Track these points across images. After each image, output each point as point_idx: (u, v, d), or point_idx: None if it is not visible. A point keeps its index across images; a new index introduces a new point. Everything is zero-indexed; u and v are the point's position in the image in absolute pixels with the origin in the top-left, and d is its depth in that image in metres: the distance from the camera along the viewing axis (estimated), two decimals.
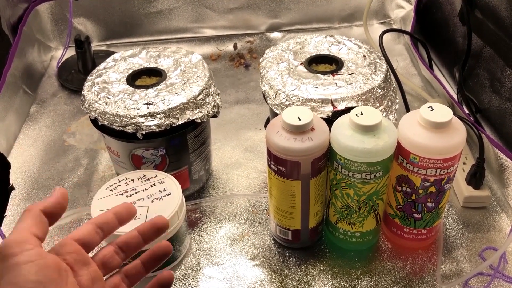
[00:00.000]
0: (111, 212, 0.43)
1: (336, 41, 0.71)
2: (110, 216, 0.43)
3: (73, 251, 0.40)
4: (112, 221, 0.43)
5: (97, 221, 0.42)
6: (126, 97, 0.62)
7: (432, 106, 0.53)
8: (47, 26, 1.04)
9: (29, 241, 0.36)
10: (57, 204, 0.40)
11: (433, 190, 0.56)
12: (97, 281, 0.41)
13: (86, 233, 0.41)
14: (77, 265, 0.39)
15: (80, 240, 0.40)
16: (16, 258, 0.35)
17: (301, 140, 0.53)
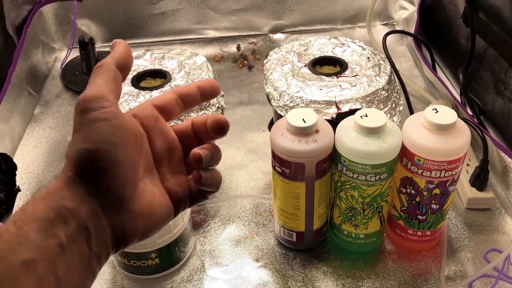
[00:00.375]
0: (194, 85, 0.40)
1: (340, 42, 0.71)
2: (193, 89, 0.39)
3: (151, 117, 0.37)
4: (194, 94, 0.39)
5: (180, 91, 0.39)
6: (131, 99, 0.62)
7: (437, 108, 0.53)
8: (51, 27, 1.04)
9: (107, 98, 0.33)
10: (126, 55, 0.37)
11: (437, 192, 0.56)
12: (173, 150, 0.38)
13: (168, 101, 0.38)
14: (154, 132, 0.37)
15: (160, 107, 0.38)
16: (94, 114, 0.32)
17: (306, 142, 0.53)
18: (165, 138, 0.38)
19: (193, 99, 0.40)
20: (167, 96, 0.39)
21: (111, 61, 0.36)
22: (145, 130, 0.37)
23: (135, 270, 0.59)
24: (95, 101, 0.33)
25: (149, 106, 0.38)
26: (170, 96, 0.39)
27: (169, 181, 0.38)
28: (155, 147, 0.37)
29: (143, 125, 0.37)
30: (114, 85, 0.35)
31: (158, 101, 0.38)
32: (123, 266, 0.60)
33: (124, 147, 0.33)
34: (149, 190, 0.36)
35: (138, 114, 0.37)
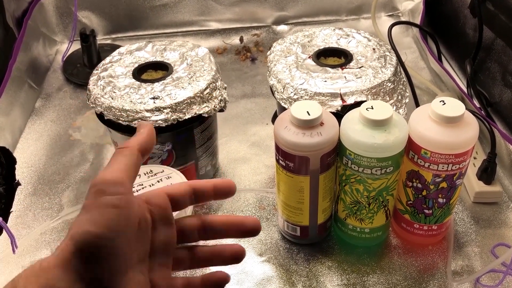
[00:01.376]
0: (211, 183, 0.39)
1: (345, 34, 0.70)
2: (209, 186, 0.39)
3: (162, 206, 0.37)
4: (209, 191, 0.39)
5: (196, 185, 0.39)
6: (132, 91, 0.61)
7: (444, 100, 0.52)
8: (52, 19, 1.03)
9: (125, 184, 0.34)
10: (150, 140, 0.37)
11: (444, 186, 0.55)
12: (169, 245, 0.38)
13: (182, 193, 0.38)
14: (160, 222, 0.37)
15: (173, 198, 0.38)
16: (108, 198, 0.32)
17: (310, 135, 0.52)
18: (167, 229, 0.38)
19: (207, 196, 0.39)
20: (182, 188, 0.38)
21: (136, 145, 0.36)
22: (152, 217, 0.36)
23: None
24: (112, 185, 0.33)
25: (163, 194, 0.37)
26: (185, 189, 0.38)
27: (155, 273, 0.37)
28: (156, 237, 0.37)
29: (152, 212, 0.36)
30: (133, 171, 0.35)
31: (173, 191, 0.38)
32: None
33: (125, 237, 0.33)
34: (136, 280, 0.35)
35: (151, 200, 0.37)
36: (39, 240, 0.66)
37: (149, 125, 0.38)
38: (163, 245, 0.37)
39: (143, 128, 0.38)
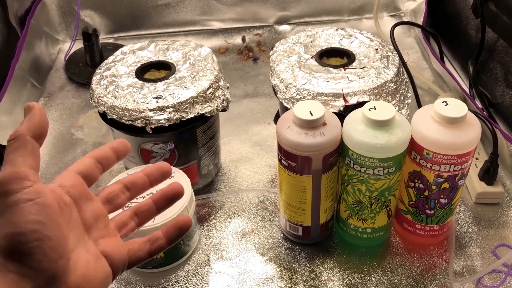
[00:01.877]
0: (108, 147, 0.41)
1: (347, 34, 0.70)
2: (108, 151, 0.41)
3: (77, 184, 0.37)
4: (110, 155, 0.41)
5: (96, 154, 0.40)
6: (135, 91, 0.62)
7: (447, 101, 0.52)
8: (54, 18, 1.03)
9: (28, 177, 0.33)
10: (41, 121, 0.35)
11: (446, 186, 0.55)
12: (100, 217, 0.39)
13: (88, 167, 0.39)
14: (80, 199, 0.37)
15: (82, 173, 0.38)
16: (15, 196, 0.32)
17: (313, 135, 0.52)
18: (91, 203, 0.38)
19: (110, 160, 0.41)
20: (87, 162, 0.39)
21: (26, 131, 0.34)
22: (72, 198, 0.37)
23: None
24: (14, 182, 0.32)
25: (73, 173, 0.38)
26: (90, 162, 0.39)
27: (102, 244, 0.38)
28: (83, 214, 0.37)
29: (70, 194, 0.37)
30: (32, 158, 0.34)
31: (80, 168, 0.39)
32: None
33: (51, 224, 0.33)
34: (82, 259, 0.35)
35: (64, 183, 0.37)
36: None
37: (36, 106, 0.36)
38: (94, 218, 0.38)
39: (31, 110, 0.36)
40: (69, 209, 0.36)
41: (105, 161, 0.40)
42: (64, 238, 0.34)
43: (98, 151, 0.40)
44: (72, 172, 0.38)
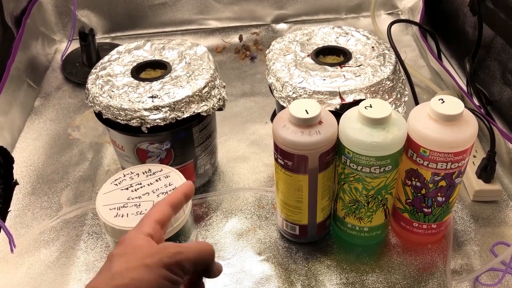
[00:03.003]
0: (181, 193, 0.47)
1: (344, 32, 0.70)
2: (181, 197, 0.46)
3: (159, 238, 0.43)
4: (182, 201, 0.47)
5: (173, 202, 0.45)
6: (130, 90, 0.61)
7: (443, 99, 0.52)
8: (51, 18, 1.03)
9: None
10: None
11: (443, 184, 0.55)
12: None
13: (167, 216, 0.45)
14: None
15: (160, 222, 0.44)
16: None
17: (309, 133, 0.52)
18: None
19: (181, 205, 0.47)
20: (165, 212, 0.45)
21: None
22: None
23: None
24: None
25: (156, 224, 0.43)
26: (168, 211, 0.45)
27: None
28: None
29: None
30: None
31: (159, 218, 0.44)
32: None
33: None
34: None
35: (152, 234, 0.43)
36: (38, 239, 0.65)
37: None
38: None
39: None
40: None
41: (178, 206, 0.46)
42: None
43: (174, 198, 0.46)
44: (154, 223, 0.43)
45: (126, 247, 0.41)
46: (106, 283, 0.38)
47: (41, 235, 0.66)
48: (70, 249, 0.64)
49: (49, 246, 0.64)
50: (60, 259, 0.63)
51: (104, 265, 0.40)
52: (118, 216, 0.56)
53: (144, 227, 0.43)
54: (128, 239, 0.41)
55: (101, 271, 0.40)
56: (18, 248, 0.64)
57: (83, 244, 0.65)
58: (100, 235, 0.65)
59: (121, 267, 0.38)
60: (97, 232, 0.66)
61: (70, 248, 0.64)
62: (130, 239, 0.41)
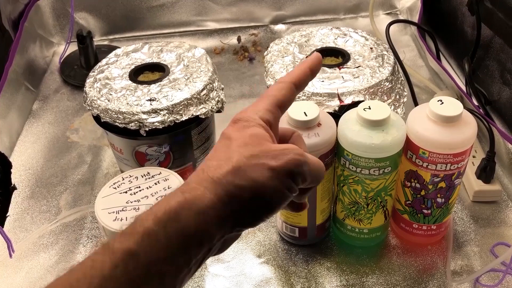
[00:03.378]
0: (306, 67, 0.39)
1: (342, 33, 0.69)
2: (307, 72, 0.39)
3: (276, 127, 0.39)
4: (307, 77, 0.40)
5: (297, 79, 0.39)
6: (128, 93, 0.61)
7: (442, 100, 0.52)
8: (48, 21, 1.03)
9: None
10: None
11: (443, 186, 0.54)
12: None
13: (290, 98, 0.39)
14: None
15: (282, 106, 0.38)
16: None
17: (307, 136, 0.52)
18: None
19: (307, 80, 0.40)
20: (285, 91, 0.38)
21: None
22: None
23: None
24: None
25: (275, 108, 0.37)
26: (290, 89, 0.38)
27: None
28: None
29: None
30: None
31: (278, 99, 0.38)
32: None
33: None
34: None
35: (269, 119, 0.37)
36: (37, 243, 0.65)
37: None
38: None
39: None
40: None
41: (303, 84, 0.39)
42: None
43: (299, 75, 0.39)
44: (275, 106, 0.37)
45: (244, 132, 0.34)
46: (224, 168, 0.32)
47: (40, 239, 0.66)
48: (70, 253, 0.64)
49: (48, 250, 0.64)
50: (60, 263, 0.63)
51: (219, 145, 0.35)
52: (117, 220, 0.55)
53: (263, 110, 0.36)
54: (245, 121, 0.35)
55: (215, 150, 0.35)
56: (17, 252, 0.64)
57: (83, 248, 0.64)
58: (99, 239, 0.65)
59: (241, 156, 0.33)
60: (97, 236, 0.66)
61: (70, 252, 0.64)
62: (247, 122, 0.35)
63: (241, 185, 0.32)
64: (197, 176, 0.34)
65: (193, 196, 0.32)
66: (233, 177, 0.32)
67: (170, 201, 0.32)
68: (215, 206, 0.32)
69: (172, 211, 0.31)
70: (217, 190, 0.32)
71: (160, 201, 0.32)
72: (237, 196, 0.32)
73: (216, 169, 0.33)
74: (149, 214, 0.32)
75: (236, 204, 0.32)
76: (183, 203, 0.31)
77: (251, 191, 0.32)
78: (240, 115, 0.36)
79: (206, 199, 0.32)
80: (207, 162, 0.34)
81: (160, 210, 0.31)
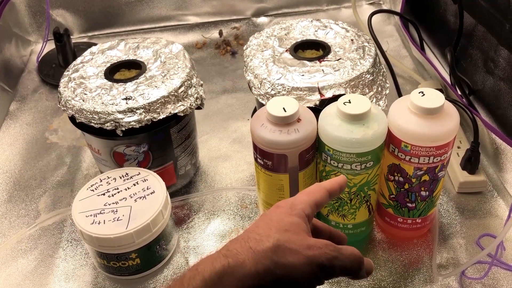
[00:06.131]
0: (338, 184, 0.43)
1: (322, 25, 0.68)
2: (338, 188, 0.43)
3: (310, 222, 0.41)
4: (336, 191, 0.43)
5: (331, 188, 0.42)
6: (103, 93, 0.59)
7: (423, 91, 0.51)
8: (24, 19, 1.00)
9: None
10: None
11: (426, 179, 0.54)
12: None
13: (324, 201, 0.42)
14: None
15: (317, 205, 0.41)
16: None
17: (287, 132, 0.51)
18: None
19: (335, 195, 0.43)
20: (323, 196, 0.42)
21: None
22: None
23: (116, 271, 0.57)
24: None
25: (314, 206, 0.41)
26: (326, 196, 0.42)
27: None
28: None
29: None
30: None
31: (316, 200, 0.41)
32: (103, 267, 0.58)
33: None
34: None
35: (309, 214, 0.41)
36: (16, 248, 0.64)
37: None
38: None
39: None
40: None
41: (333, 195, 0.43)
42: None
43: (331, 185, 0.42)
44: (314, 204, 0.41)
45: (286, 218, 0.38)
46: (265, 244, 0.36)
47: (18, 244, 0.64)
48: (49, 257, 0.62)
49: (27, 255, 0.63)
50: (39, 268, 0.61)
51: (261, 221, 0.39)
52: (95, 223, 0.54)
53: (305, 204, 0.40)
54: (288, 208, 0.39)
55: (256, 225, 0.38)
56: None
57: (62, 251, 0.63)
58: (79, 242, 0.64)
59: (280, 242, 0.36)
60: (76, 239, 0.64)
61: (49, 256, 0.62)
62: (291, 210, 0.39)
63: (278, 262, 0.36)
64: (238, 243, 0.37)
65: (235, 262, 0.36)
66: (271, 254, 0.36)
67: (215, 264, 0.36)
68: (253, 275, 0.35)
69: (218, 274, 0.35)
70: (256, 261, 0.36)
71: (204, 261, 0.37)
72: (271, 272, 0.36)
73: (257, 242, 0.37)
74: (196, 274, 0.36)
75: (268, 278, 0.36)
76: (226, 267, 0.35)
77: (284, 270, 0.36)
78: (283, 203, 0.40)
79: (246, 267, 0.35)
80: (248, 234, 0.38)
81: (206, 271, 0.36)
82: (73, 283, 0.59)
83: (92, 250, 0.56)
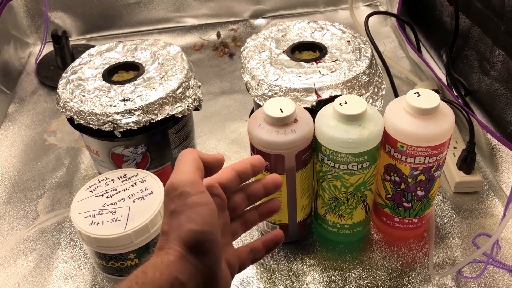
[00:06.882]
0: (248, 162, 0.42)
1: (319, 26, 0.69)
2: (248, 166, 0.42)
3: (219, 195, 0.40)
4: (248, 171, 0.42)
5: (237, 168, 0.41)
6: (102, 94, 0.60)
7: (419, 92, 0.51)
8: (23, 21, 1.01)
9: (200, 184, 0.37)
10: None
11: (422, 179, 0.54)
12: (226, 225, 0.42)
13: (230, 179, 0.41)
14: (218, 208, 0.39)
15: (223, 185, 0.40)
16: (193, 198, 0.36)
17: (284, 132, 0.51)
18: (223, 213, 0.41)
19: (247, 176, 0.42)
20: (229, 174, 0.41)
21: (198, 153, 0.39)
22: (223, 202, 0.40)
23: (115, 271, 0.57)
24: (189, 185, 0.36)
25: (216, 184, 0.40)
26: (232, 174, 0.41)
27: (226, 253, 0.41)
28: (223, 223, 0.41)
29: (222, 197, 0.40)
30: (200, 174, 0.38)
31: (222, 180, 0.40)
32: (102, 268, 0.58)
33: (217, 229, 0.37)
34: (225, 268, 0.39)
35: (210, 191, 0.38)
36: (15, 249, 0.64)
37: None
38: (224, 226, 0.41)
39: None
40: (225, 218, 0.41)
41: (244, 176, 0.42)
42: (221, 243, 0.38)
43: (239, 164, 0.42)
44: (216, 183, 0.40)
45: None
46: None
47: (17, 245, 0.64)
48: (48, 258, 0.63)
49: (26, 257, 0.63)
50: (38, 269, 0.61)
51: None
52: (94, 224, 0.54)
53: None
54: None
55: None
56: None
57: (61, 252, 0.63)
58: (78, 243, 0.64)
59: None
60: (75, 240, 0.64)
61: (48, 257, 0.63)
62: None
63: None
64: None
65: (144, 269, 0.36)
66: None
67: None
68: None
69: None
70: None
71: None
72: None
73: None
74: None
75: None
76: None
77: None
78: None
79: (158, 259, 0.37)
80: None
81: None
82: (72, 283, 0.59)
83: (90, 250, 0.57)
